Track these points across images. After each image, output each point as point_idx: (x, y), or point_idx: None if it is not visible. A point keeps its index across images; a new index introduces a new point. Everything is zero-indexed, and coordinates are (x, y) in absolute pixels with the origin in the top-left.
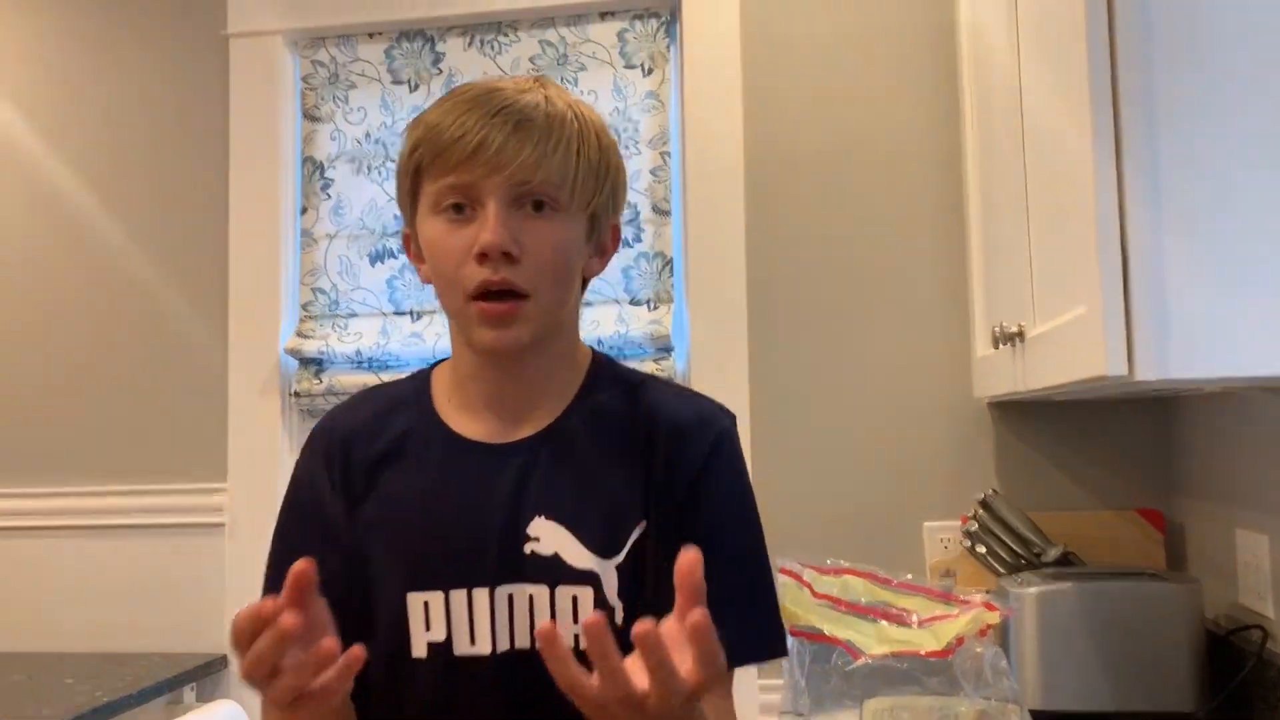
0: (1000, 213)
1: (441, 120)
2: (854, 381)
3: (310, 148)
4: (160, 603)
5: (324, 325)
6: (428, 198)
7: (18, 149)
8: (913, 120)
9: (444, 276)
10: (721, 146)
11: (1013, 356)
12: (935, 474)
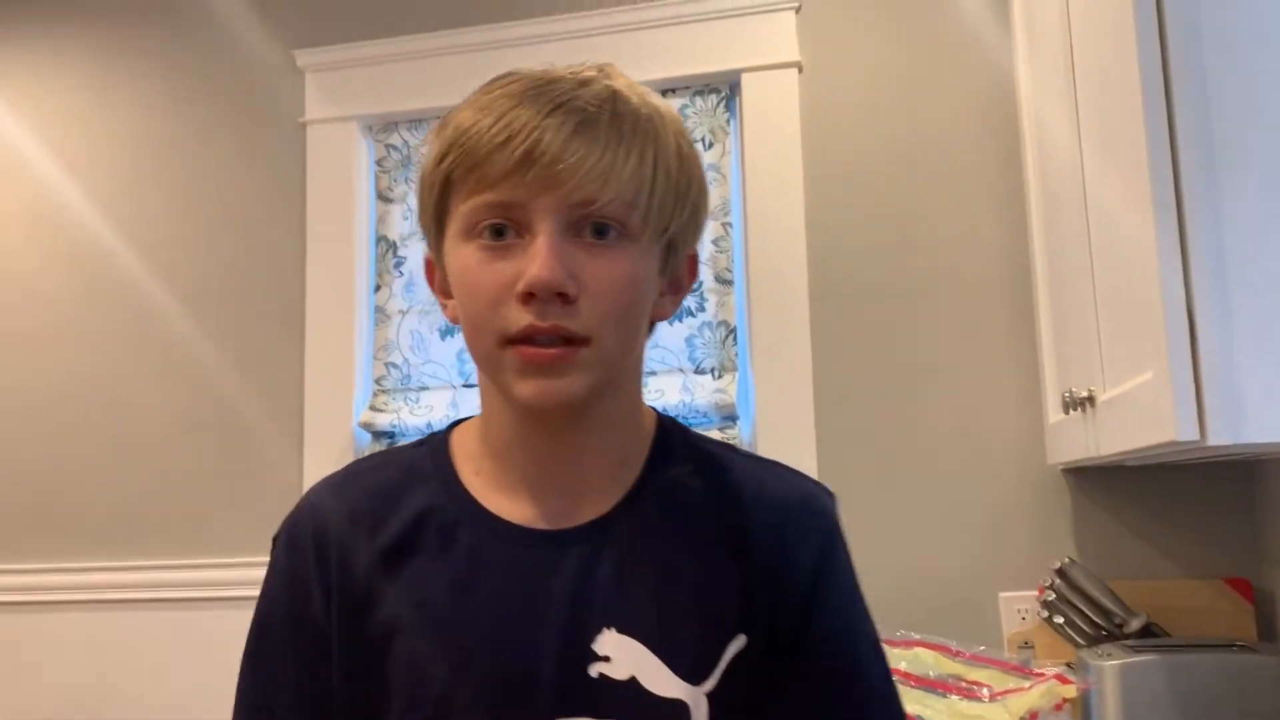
0: (1066, 278)
1: (480, 120)
2: (924, 449)
3: (383, 227)
4: (228, 678)
5: (396, 399)
6: (459, 219)
7: (98, 232)
8: (976, 188)
9: (476, 317)
10: (783, 216)
11: (1084, 422)
12: (1010, 542)
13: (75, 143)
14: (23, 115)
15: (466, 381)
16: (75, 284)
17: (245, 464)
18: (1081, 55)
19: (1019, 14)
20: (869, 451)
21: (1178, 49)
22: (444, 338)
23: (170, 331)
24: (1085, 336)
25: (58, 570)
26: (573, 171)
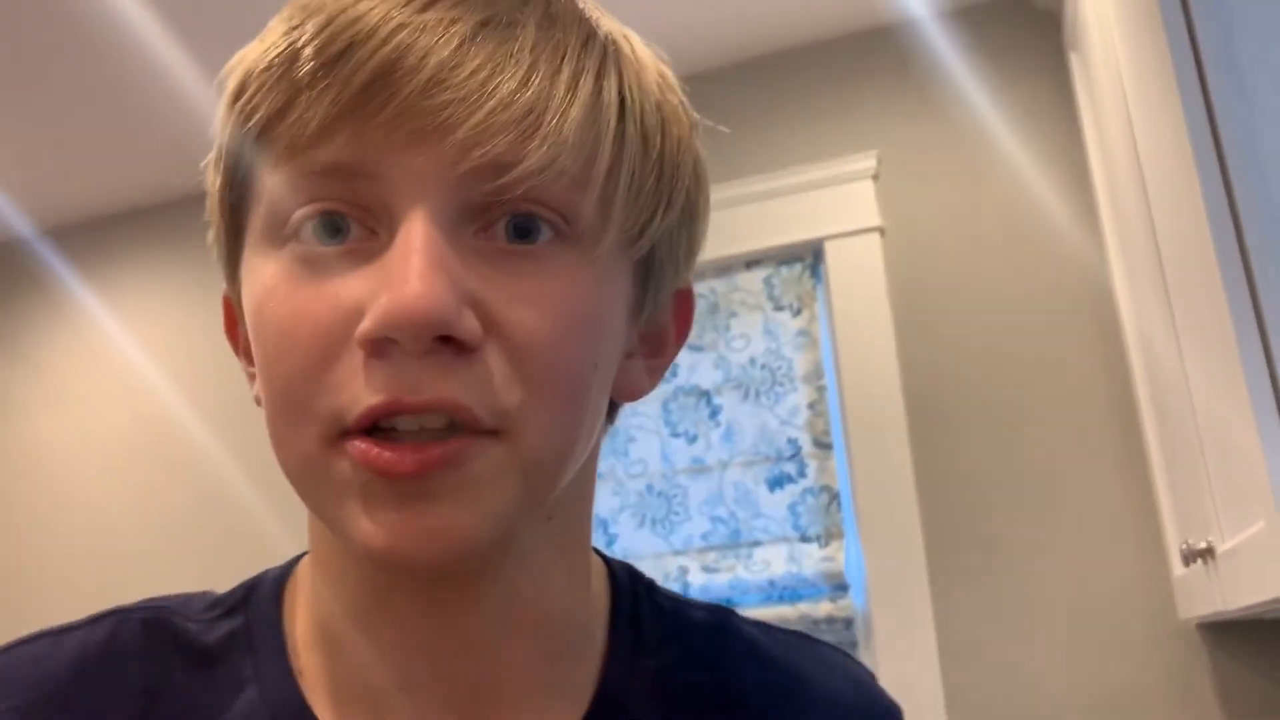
0: (1175, 432)
1: (298, 31)
2: (1047, 614)
3: None
4: None
5: None
6: (262, 211)
7: (204, 441)
8: (1070, 342)
9: (285, 387)
10: (877, 377)
11: (1207, 574)
12: (1149, 709)
13: (189, 357)
14: (137, 333)
15: None
16: (184, 493)
17: None
18: (1156, 199)
19: (1097, 169)
20: (990, 620)
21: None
22: None
23: (281, 537)
24: (1198, 486)
25: None
26: (470, 109)
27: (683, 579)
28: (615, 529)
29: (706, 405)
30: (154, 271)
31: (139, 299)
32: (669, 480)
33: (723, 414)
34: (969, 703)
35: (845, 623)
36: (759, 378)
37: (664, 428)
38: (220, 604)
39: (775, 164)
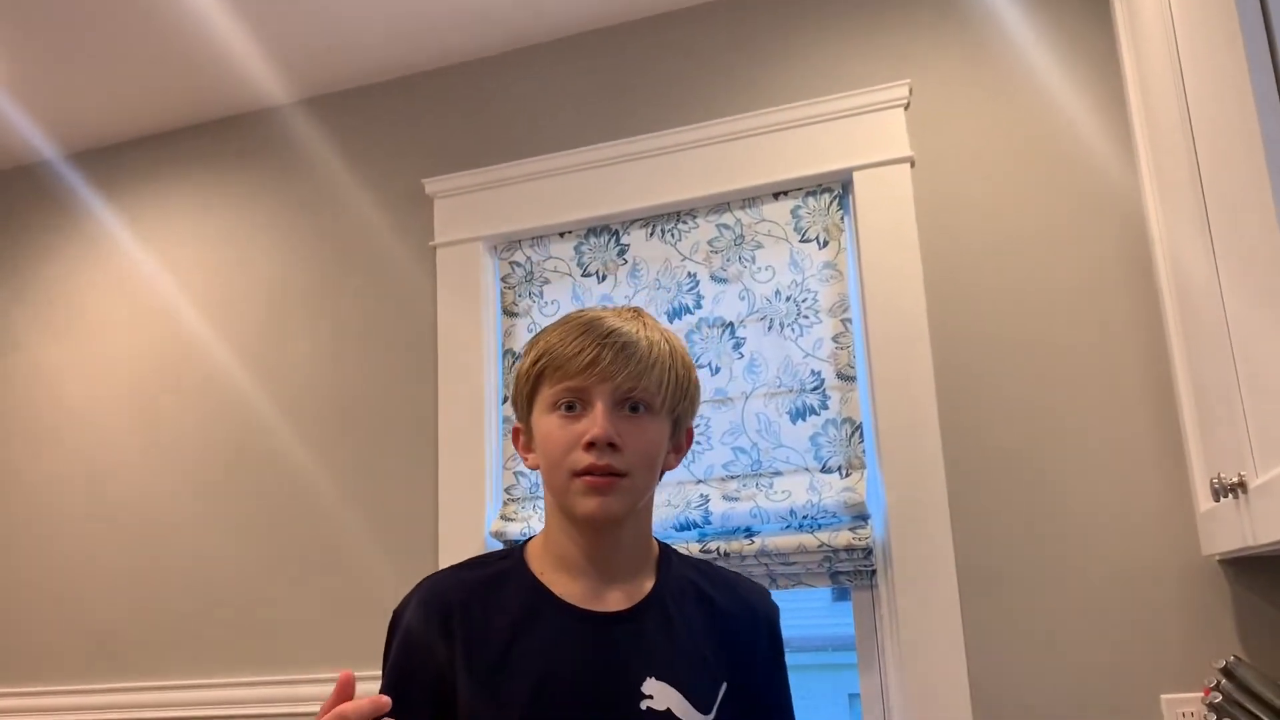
0: (1206, 360)
1: (563, 339)
2: (1068, 545)
3: (510, 340)
4: None
5: (525, 508)
6: (546, 398)
7: (235, 368)
8: (1102, 272)
9: (553, 460)
10: (904, 310)
11: (1237, 509)
12: (1168, 640)
13: (215, 282)
14: (168, 263)
15: None
16: (211, 420)
17: (382, 578)
18: (1202, 133)
19: (1136, 109)
20: (1009, 549)
21: None
22: None
23: (304, 456)
24: (1232, 420)
25: (207, 686)
26: (619, 371)
27: (704, 506)
28: None
29: (730, 337)
30: (174, 196)
31: (159, 223)
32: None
33: (746, 346)
34: (987, 632)
35: (864, 552)
36: (783, 310)
37: None
38: (499, 552)
39: (805, 92)
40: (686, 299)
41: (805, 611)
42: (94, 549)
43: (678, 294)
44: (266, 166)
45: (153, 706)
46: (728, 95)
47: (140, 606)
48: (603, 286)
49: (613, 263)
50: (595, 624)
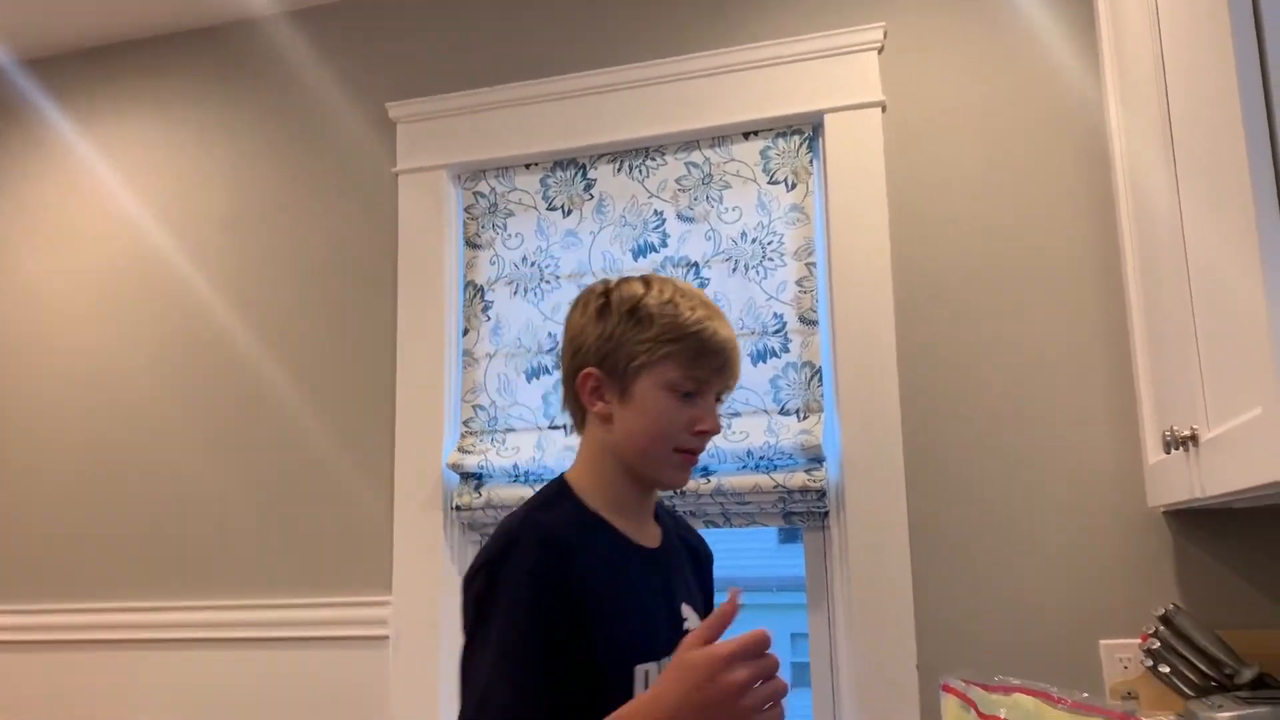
0: (1164, 315)
1: (702, 335)
2: (1018, 492)
3: (472, 272)
4: (326, 714)
5: (483, 440)
6: (667, 377)
7: (193, 282)
8: (1067, 224)
9: (661, 433)
10: (868, 256)
11: (1187, 462)
12: (1110, 588)
13: (174, 196)
14: (125, 170)
15: (552, 424)
16: (170, 331)
17: (337, 505)
18: (1175, 88)
19: (1107, 46)
20: (960, 496)
21: None
22: (530, 380)
23: (264, 378)
24: (1186, 373)
25: (161, 609)
26: (733, 377)
27: None
28: None
29: (695, 276)
30: (135, 105)
31: (119, 131)
32: None
33: (710, 286)
34: (935, 575)
35: (818, 494)
36: (749, 252)
37: None
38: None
39: (779, 30)
40: (652, 237)
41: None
42: (45, 464)
43: (643, 231)
44: (229, 82)
45: (105, 629)
46: (701, 30)
47: (92, 525)
48: (568, 221)
49: (579, 197)
50: (650, 559)
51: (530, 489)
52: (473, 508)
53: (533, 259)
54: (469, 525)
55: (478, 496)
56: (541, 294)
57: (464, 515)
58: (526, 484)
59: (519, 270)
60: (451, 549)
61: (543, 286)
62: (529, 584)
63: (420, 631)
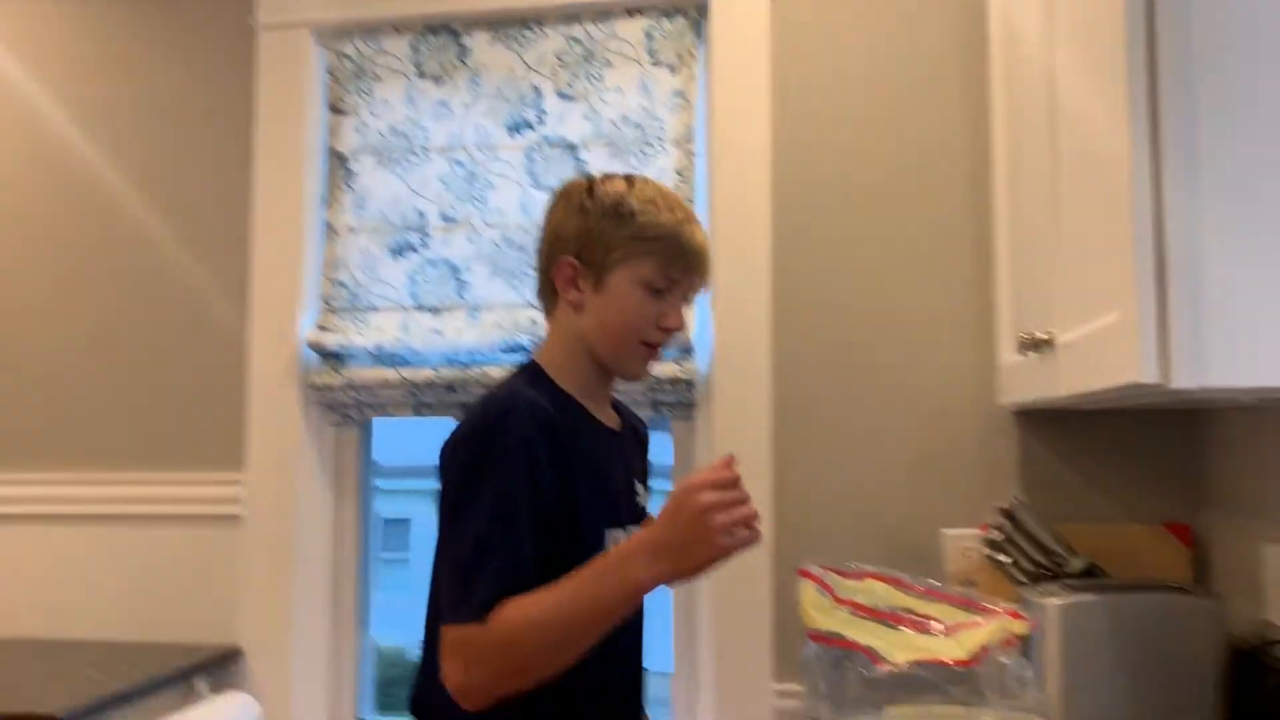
0: (1029, 218)
1: (681, 236)
2: (877, 387)
3: (335, 140)
4: (173, 593)
5: (344, 319)
6: (641, 272)
7: (44, 133)
8: (941, 122)
9: (628, 326)
10: (748, 146)
11: (1041, 364)
12: (957, 481)
13: (28, 41)
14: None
15: (418, 304)
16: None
17: (189, 378)
18: None
19: None
20: (823, 388)
21: None
22: (395, 257)
23: (108, 237)
24: (1046, 279)
25: None
26: (705, 279)
27: (535, 331)
28: (467, 277)
29: (572, 159)
30: None
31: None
32: (527, 233)
33: (588, 170)
34: (794, 465)
35: (687, 385)
36: (629, 136)
37: (526, 178)
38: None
39: None
40: (529, 113)
41: None
42: None
43: (520, 107)
44: None
45: None
46: None
47: None
48: (440, 91)
49: (451, 66)
50: (612, 438)
51: (395, 372)
52: (332, 388)
53: (401, 129)
54: (327, 405)
55: (337, 377)
56: (409, 167)
57: (322, 395)
58: (390, 366)
59: (386, 140)
60: (308, 429)
61: (411, 159)
62: (522, 451)
63: (274, 512)
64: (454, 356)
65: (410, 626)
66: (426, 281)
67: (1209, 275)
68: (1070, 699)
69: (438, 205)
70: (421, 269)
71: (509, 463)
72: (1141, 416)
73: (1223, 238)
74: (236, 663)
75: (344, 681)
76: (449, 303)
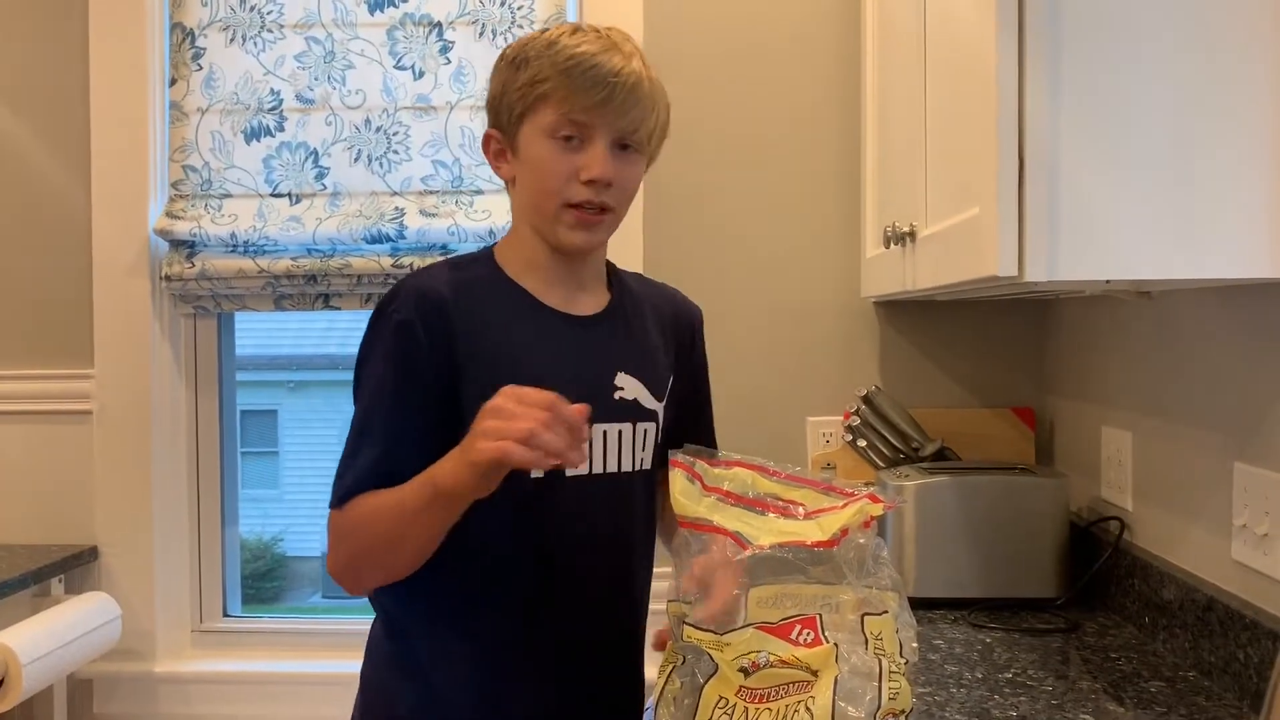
0: (897, 114)
1: (572, 69)
2: (744, 278)
3: (180, 13)
4: (25, 493)
5: (196, 206)
6: (544, 123)
7: None
8: (812, 12)
9: (546, 187)
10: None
11: (903, 257)
12: (820, 370)
13: None
14: None
15: (275, 191)
16: None
17: (30, 268)
18: None
19: None
20: (691, 277)
21: None
22: (250, 141)
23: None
24: (911, 173)
25: None
26: (627, 113)
27: (399, 220)
28: (326, 162)
29: (438, 38)
30: None
31: None
32: (390, 116)
33: (454, 50)
34: None
35: None
36: (497, 15)
37: (388, 58)
38: (470, 256)
39: None
40: None
41: None
42: None
43: None
44: None
45: None
46: None
47: None
48: None
49: None
50: (575, 325)
51: (252, 261)
52: (185, 278)
53: (252, 2)
54: (180, 296)
55: (190, 266)
56: (263, 44)
57: (175, 286)
58: (246, 255)
59: (235, 14)
60: (161, 321)
61: (264, 36)
62: (398, 337)
63: (128, 406)
64: (314, 246)
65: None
66: (283, 167)
67: (1064, 176)
68: (921, 575)
69: (293, 86)
70: (278, 153)
71: (384, 350)
72: (991, 307)
73: (1077, 142)
74: (93, 563)
75: (209, 578)
76: (308, 189)
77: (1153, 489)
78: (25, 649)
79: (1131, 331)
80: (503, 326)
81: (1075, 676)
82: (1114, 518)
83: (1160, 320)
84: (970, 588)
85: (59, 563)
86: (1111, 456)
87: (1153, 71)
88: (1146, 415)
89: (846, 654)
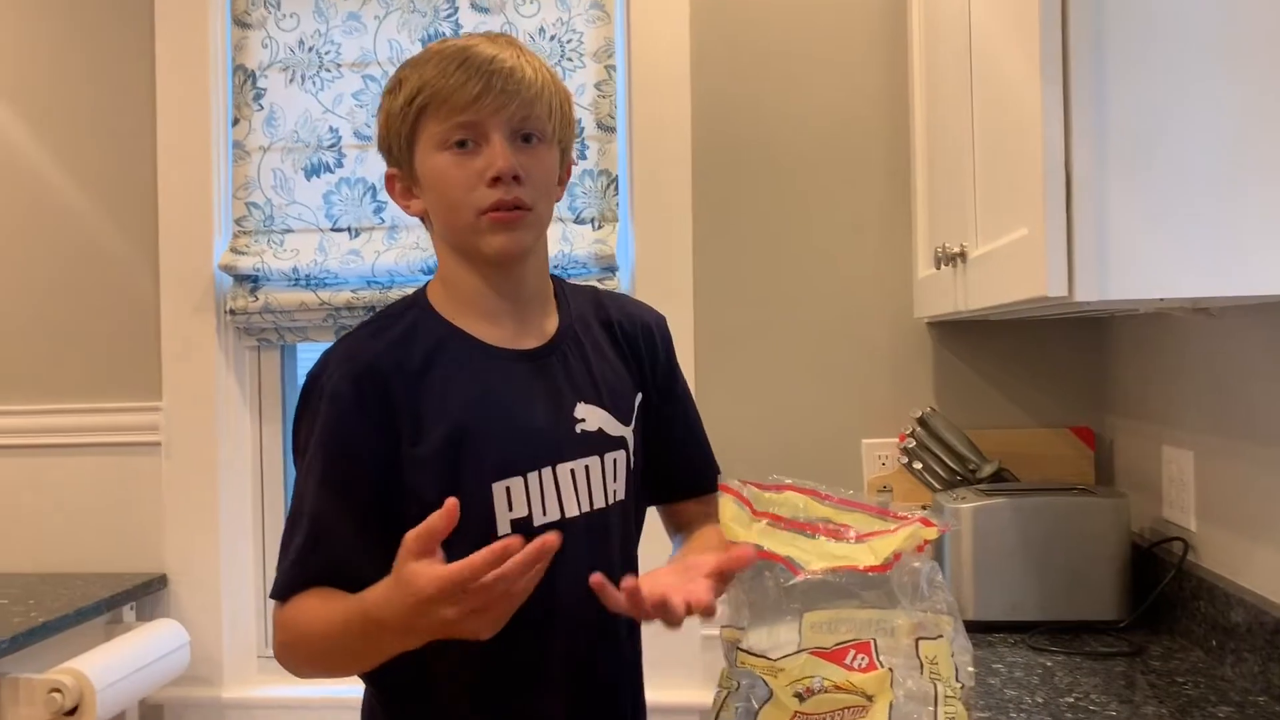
0: (945, 135)
1: (442, 71)
2: (798, 303)
3: (241, 55)
4: (97, 523)
5: (259, 241)
6: (433, 137)
7: None
8: (861, 36)
9: (453, 200)
10: (668, 61)
11: (954, 277)
12: (875, 392)
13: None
14: None
15: (335, 225)
16: None
17: (100, 306)
18: None
19: None
20: (745, 305)
21: None
22: (310, 177)
23: (16, 167)
24: (961, 194)
25: None
26: (512, 99)
27: None
28: (384, 197)
29: None
30: None
31: None
32: None
33: None
34: (718, 382)
35: None
36: (547, 50)
37: None
38: (402, 303)
39: None
40: (444, 26)
41: None
42: None
43: (433, 20)
44: None
45: None
46: None
47: None
48: (349, 3)
49: None
50: (524, 360)
51: (314, 294)
52: (249, 311)
53: (310, 44)
54: (244, 329)
55: (254, 300)
56: (321, 83)
57: (239, 319)
58: (307, 288)
59: (295, 55)
60: (226, 353)
61: (323, 75)
62: (335, 418)
63: (195, 437)
64: (373, 278)
65: None
66: (343, 202)
67: (1112, 196)
68: (980, 598)
69: (351, 123)
70: (337, 188)
71: (312, 425)
72: (1047, 326)
73: (1125, 162)
74: (163, 590)
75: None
76: (366, 223)
77: (1216, 509)
78: (99, 675)
79: (1191, 349)
80: (444, 380)
81: (1140, 701)
82: (1177, 538)
83: (1220, 337)
84: (1030, 610)
85: (130, 591)
86: (1173, 476)
87: (1201, 90)
88: (1208, 433)
89: (901, 679)
